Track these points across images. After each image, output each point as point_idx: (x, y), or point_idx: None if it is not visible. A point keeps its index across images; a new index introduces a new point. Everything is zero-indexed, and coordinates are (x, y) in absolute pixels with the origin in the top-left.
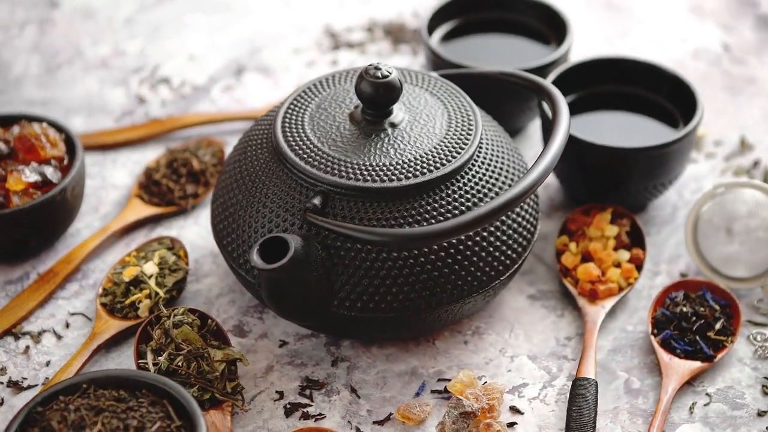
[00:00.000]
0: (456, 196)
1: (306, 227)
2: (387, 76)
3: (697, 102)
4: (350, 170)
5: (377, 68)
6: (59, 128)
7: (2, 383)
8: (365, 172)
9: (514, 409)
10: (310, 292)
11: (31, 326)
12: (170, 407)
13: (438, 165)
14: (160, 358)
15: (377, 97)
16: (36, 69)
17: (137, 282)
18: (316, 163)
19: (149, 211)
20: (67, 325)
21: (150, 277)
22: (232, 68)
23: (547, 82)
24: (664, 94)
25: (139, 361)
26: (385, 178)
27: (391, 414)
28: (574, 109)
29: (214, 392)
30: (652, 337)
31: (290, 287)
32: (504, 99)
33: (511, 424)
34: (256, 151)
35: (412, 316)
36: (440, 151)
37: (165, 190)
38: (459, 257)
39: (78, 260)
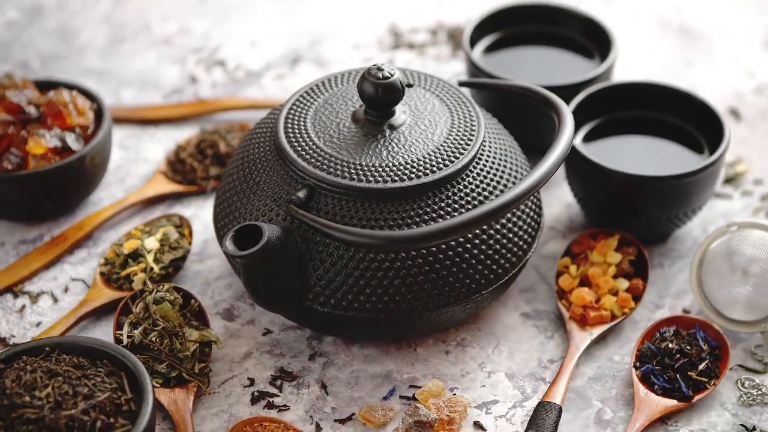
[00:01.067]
0: (443, 204)
1: (289, 219)
2: (388, 78)
3: (724, 132)
4: (338, 167)
5: (380, 69)
6: (92, 98)
7: None
8: (353, 171)
9: (478, 425)
10: (286, 284)
11: (32, 286)
12: (125, 380)
13: (428, 171)
14: (135, 331)
15: (377, 97)
16: (101, 40)
17: (136, 255)
18: (307, 156)
19: (170, 188)
20: (66, 290)
21: (149, 252)
22: (289, 57)
23: (553, 95)
24: (693, 122)
25: (117, 332)
26: (371, 178)
27: (353, 414)
28: (600, 133)
29: (181, 371)
30: (633, 370)
31: (265, 276)
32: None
33: None
34: (260, 140)
35: (386, 319)
36: (434, 157)
37: (189, 170)
38: (437, 265)
39: (89, 228)
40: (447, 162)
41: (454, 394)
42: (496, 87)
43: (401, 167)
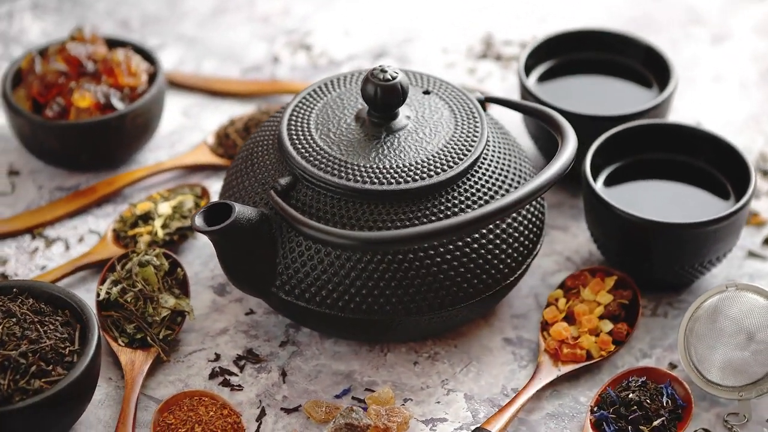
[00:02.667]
0: (435, 210)
1: (270, 204)
2: (389, 80)
3: (750, 180)
4: (326, 162)
5: (383, 70)
6: (152, 62)
7: None
8: (340, 168)
9: None
10: (255, 266)
11: (51, 232)
12: (78, 333)
13: (417, 177)
14: (114, 289)
15: (378, 99)
16: (205, 9)
17: (147, 218)
18: (299, 147)
19: (208, 159)
20: (81, 240)
21: (159, 216)
22: (374, 51)
23: (556, 113)
24: (720, 168)
25: (99, 287)
26: (359, 178)
27: (300, 406)
28: (623, 175)
29: (147, 335)
30: (589, 413)
31: (234, 255)
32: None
33: None
34: (269, 127)
35: (349, 318)
36: (428, 163)
37: (231, 145)
38: (411, 272)
39: (119, 185)
40: (440, 169)
41: (403, 405)
42: (515, 107)
43: (391, 170)
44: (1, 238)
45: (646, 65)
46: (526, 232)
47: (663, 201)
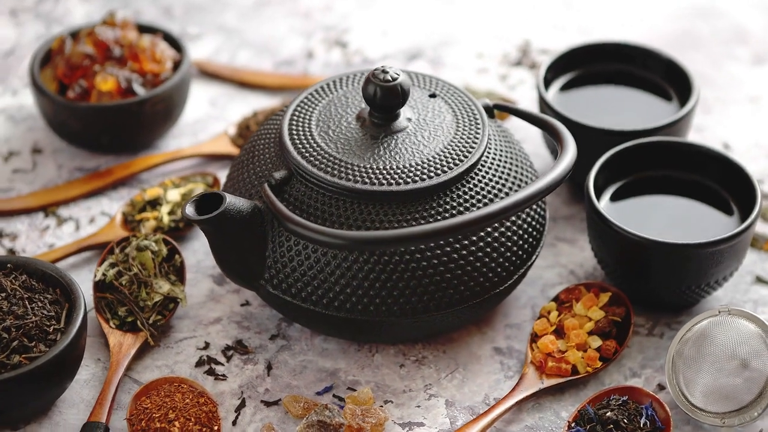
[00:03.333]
0: (429, 213)
1: (264, 198)
2: (389, 81)
3: (756, 202)
4: (320, 159)
5: (384, 71)
6: (180, 50)
7: (4, 246)
8: (333, 165)
9: None
10: (245, 258)
11: (64, 211)
12: (65, 312)
13: (410, 180)
14: (111, 271)
15: (378, 99)
16: (247, 1)
17: (156, 203)
18: (297, 143)
19: (227, 149)
20: (92, 221)
21: (167, 203)
22: (409, 53)
23: (558, 123)
24: (724, 183)
25: (97, 269)
26: (351, 177)
27: (280, 400)
28: (629, 192)
29: (137, 318)
30: (566, 428)
31: (224, 246)
32: None
33: None
34: (272, 123)
35: (332, 316)
36: (423, 167)
37: (249, 135)
38: (395, 275)
39: (136, 169)
40: (432, 174)
41: (382, 406)
42: (521, 115)
43: (382, 171)
44: (15, 214)
45: (667, 79)
46: (521, 242)
47: (669, 219)
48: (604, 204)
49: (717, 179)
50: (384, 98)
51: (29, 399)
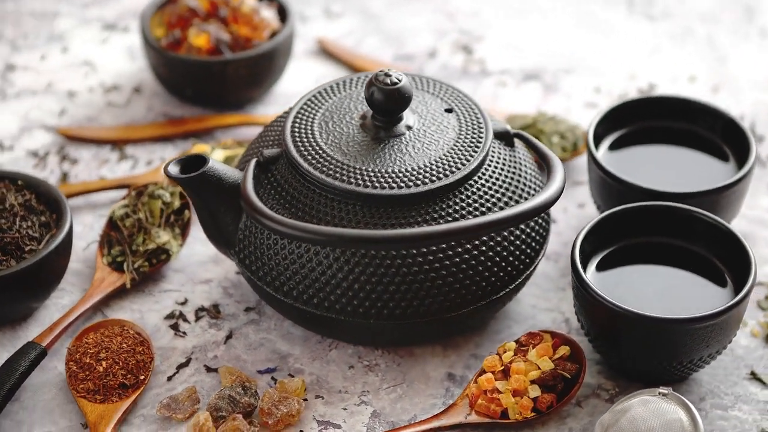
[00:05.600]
0: (421, 219)
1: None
2: (389, 85)
3: (751, 271)
4: (317, 157)
5: (387, 74)
6: (285, 22)
7: (62, 168)
8: (330, 164)
9: None
10: (220, 225)
11: (131, 149)
12: (48, 236)
13: (395, 185)
14: (119, 211)
15: (379, 102)
16: None
17: None
18: (299, 142)
19: None
20: (149, 164)
21: None
22: (527, 72)
23: (549, 151)
24: (717, 252)
25: (113, 207)
26: (344, 178)
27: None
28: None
29: (126, 258)
30: None
31: (203, 208)
32: None
33: None
34: (277, 123)
35: (286, 303)
36: (413, 173)
37: None
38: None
39: (206, 125)
40: (419, 182)
41: (306, 399)
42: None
43: (380, 173)
44: (87, 142)
45: (724, 137)
46: (494, 268)
47: (659, 289)
48: (590, 271)
49: (715, 252)
50: (386, 101)
51: None
